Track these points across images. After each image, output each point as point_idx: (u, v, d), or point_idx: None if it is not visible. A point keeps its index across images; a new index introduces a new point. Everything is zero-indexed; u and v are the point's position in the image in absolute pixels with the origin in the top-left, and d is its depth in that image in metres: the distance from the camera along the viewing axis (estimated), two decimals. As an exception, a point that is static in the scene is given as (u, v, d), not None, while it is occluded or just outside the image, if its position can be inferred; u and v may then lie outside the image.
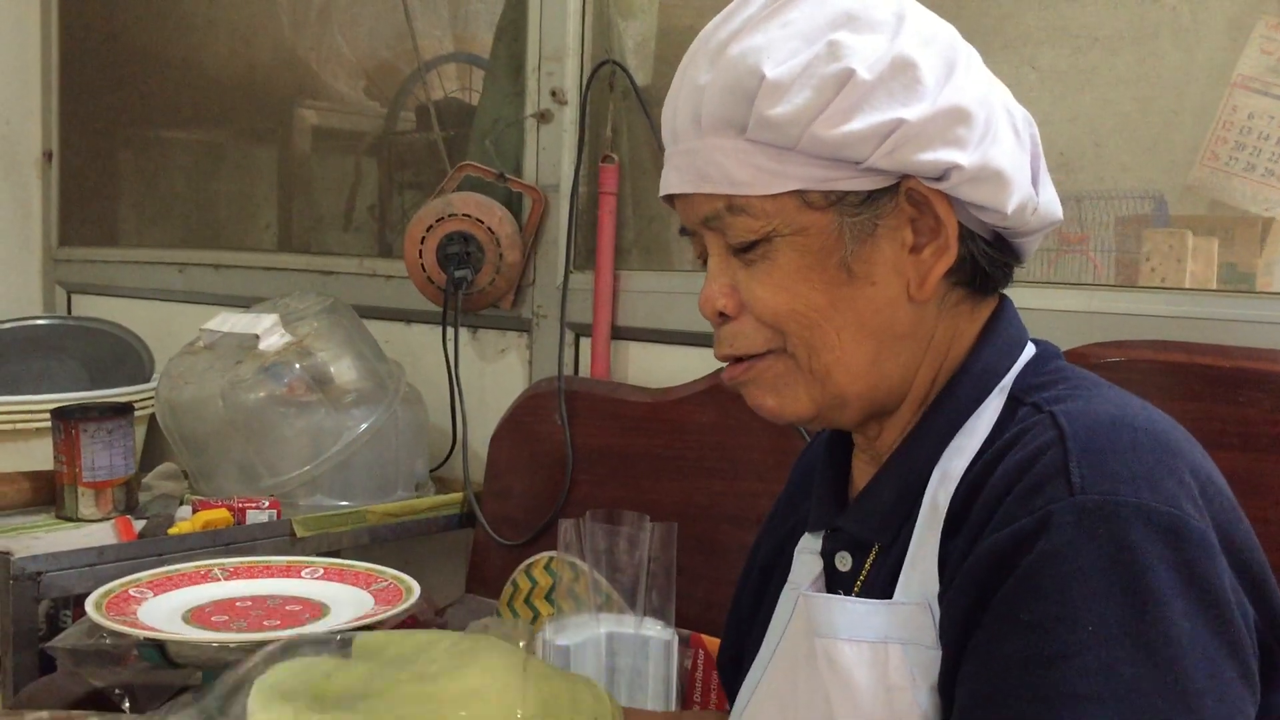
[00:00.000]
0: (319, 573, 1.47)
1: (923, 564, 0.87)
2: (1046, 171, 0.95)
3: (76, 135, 2.97)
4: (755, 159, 0.86)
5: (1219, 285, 1.47)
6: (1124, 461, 0.78)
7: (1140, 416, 0.83)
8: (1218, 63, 1.44)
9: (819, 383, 0.90)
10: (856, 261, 0.88)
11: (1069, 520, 0.76)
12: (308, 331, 1.95)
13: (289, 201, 2.61)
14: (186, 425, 1.95)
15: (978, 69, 0.91)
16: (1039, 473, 0.79)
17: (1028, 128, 0.93)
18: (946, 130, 0.86)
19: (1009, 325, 0.94)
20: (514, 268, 1.97)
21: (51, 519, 1.81)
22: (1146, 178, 1.53)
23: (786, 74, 0.85)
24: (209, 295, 2.53)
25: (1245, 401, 1.27)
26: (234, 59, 2.66)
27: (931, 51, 0.87)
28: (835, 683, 0.87)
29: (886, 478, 0.92)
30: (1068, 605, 0.75)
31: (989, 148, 0.87)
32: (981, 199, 0.88)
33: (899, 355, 0.91)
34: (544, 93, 1.96)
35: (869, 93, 0.84)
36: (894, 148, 0.85)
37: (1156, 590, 0.74)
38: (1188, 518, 0.76)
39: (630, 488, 1.77)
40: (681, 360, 1.81)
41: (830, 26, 0.86)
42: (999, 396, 0.90)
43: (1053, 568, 0.76)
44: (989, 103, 0.89)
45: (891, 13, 0.88)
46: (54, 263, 2.97)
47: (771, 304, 0.89)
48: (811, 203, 0.87)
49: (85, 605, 1.32)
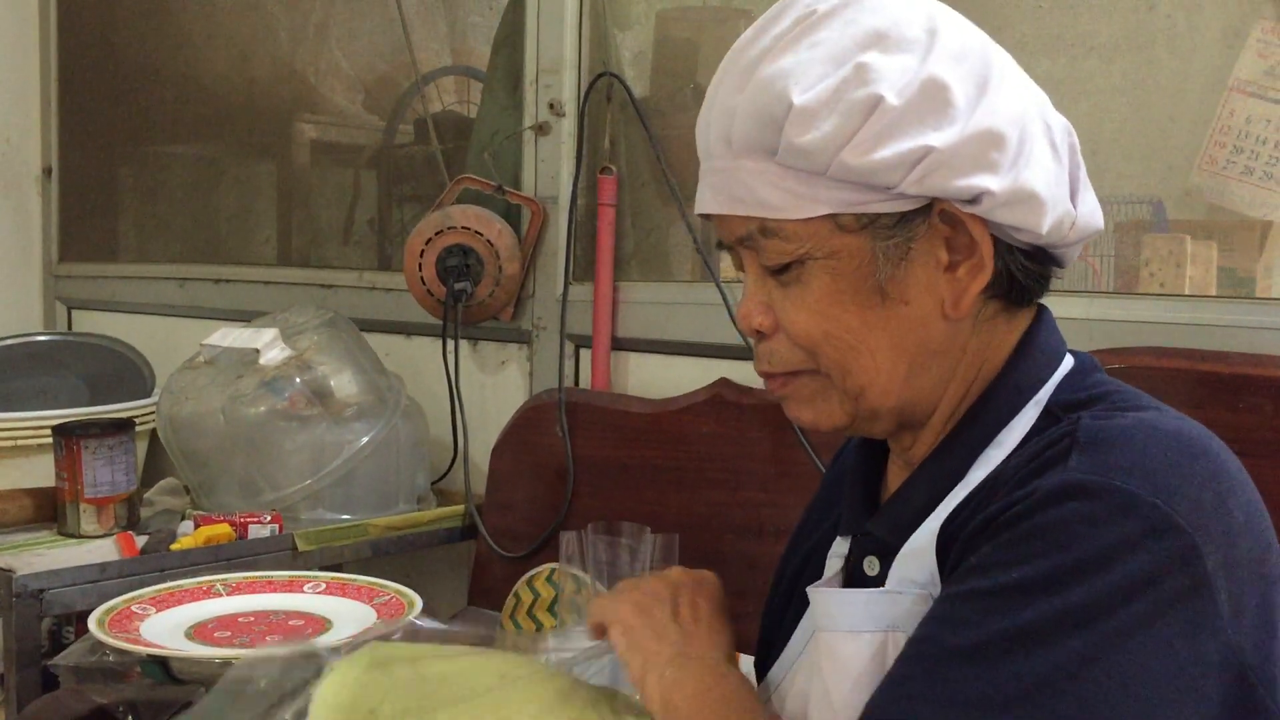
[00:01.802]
0: (321, 587, 1.47)
1: (917, 547, 0.88)
2: (1087, 181, 0.93)
3: (76, 151, 2.98)
4: (786, 182, 0.86)
5: (1218, 290, 1.47)
6: (1127, 455, 0.79)
7: (1169, 424, 0.83)
8: (1214, 68, 1.45)
9: (852, 399, 0.91)
10: (890, 283, 0.87)
11: (1049, 490, 0.78)
12: (308, 345, 1.95)
13: (288, 215, 2.61)
14: (188, 440, 1.95)
15: (1013, 81, 0.89)
16: (1043, 460, 0.82)
17: (1066, 138, 0.92)
18: (978, 155, 0.85)
19: (1047, 337, 0.93)
20: (513, 280, 1.98)
21: (53, 535, 1.81)
22: (1144, 184, 1.53)
23: (814, 100, 0.84)
24: (209, 310, 2.53)
25: (1246, 408, 1.27)
26: (233, 74, 2.67)
27: (964, 70, 0.86)
28: (834, 673, 0.88)
29: (916, 485, 0.92)
30: (1008, 555, 0.78)
31: (1022, 170, 0.86)
32: (1015, 221, 0.87)
33: (932, 370, 0.91)
34: (542, 105, 1.97)
35: (898, 118, 0.83)
36: (924, 174, 0.84)
37: (1096, 567, 0.75)
38: (1174, 515, 0.76)
39: (631, 499, 1.77)
40: (682, 371, 1.81)
41: (860, 47, 0.85)
42: (1034, 409, 0.90)
43: (1014, 525, 0.79)
44: (1023, 120, 0.87)
45: (923, 29, 0.86)
46: (54, 279, 2.97)
47: (805, 327, 0.89)
48: (844, 226, 0.87)
49: (88, 622, 1.32)
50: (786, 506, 1.60)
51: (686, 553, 1.56)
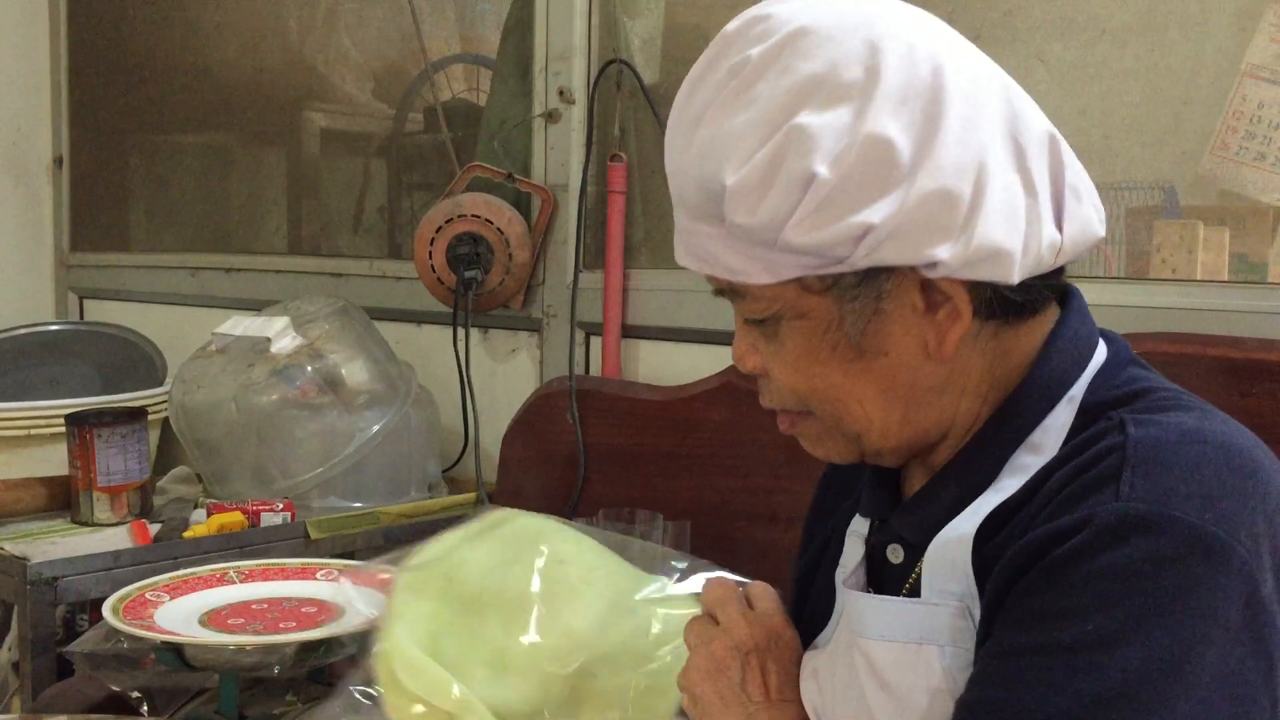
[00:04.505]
0: (334, 574, 1.48)
1: (950, 555, 0.85)
2: (1081, 188, 0.86)
3: (87, 140, 2.98)
4: (743, 249, 0.83)
5: (1230, 276, 1.46)
6: (1182, 477, 0.76)
7: (1218, 432, 0.80)
8: (1227, 53, 1.44)
9: (853, 441, 0.90)
10: (864, 339, 0.84)
11: (1108, 524, 0.75)
12: (319, 334, 1.96)
13: (298, 204, 2.62)
14: (200, 429, 1.96)
15: (970, 104, 0.81)
16: (1092, 478, 0.78)
17: (1045, 152, 0.84)
18: (927, 221, 0.79)
19: (1078, 328, 0.89)
20: (524, 267, 1.98)
21: (67, 524, 1.82)
22: (1157, 169, 1.53)
23: (748, 180, 0.80)
24: (220, 299, 2.53)
25: (1259, 393, 1.27)
26: (242, 62, 2.67)
27: (908, 115, 0.79)
28: (872, 684, 0.86)
29: (942, 486, 0.89)
30: (1078, 601, 0.75)
31: (979, 226, 0.80)
32: (979, 277, 0.82)
33: (932, 405, 0.87)
34: (551, 92, 1.96)
35: (835, 193, 0.79)
36: (870, 249, 0.80)
37: (1171, 609, 0.73)
38: (1234, 544, 0.74)
39: (643, 486, 1.77)
40: (693, 358, 1.81)
41: (794, 103, 0.80)
42: (1068, 407, 0.86)
43: (1076, 564, 0.75)
44: (979, 161, 0.80)
45: (862, 67, 0.80)
46: (66, 268, 2.98)
47: (789, 382, 0.88)
48: (809, 287, 0.84)
49: (102, 609, 1.32)
50: (797, 493, 1.59)
51: (698, 539, 1.57)
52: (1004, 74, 0.87)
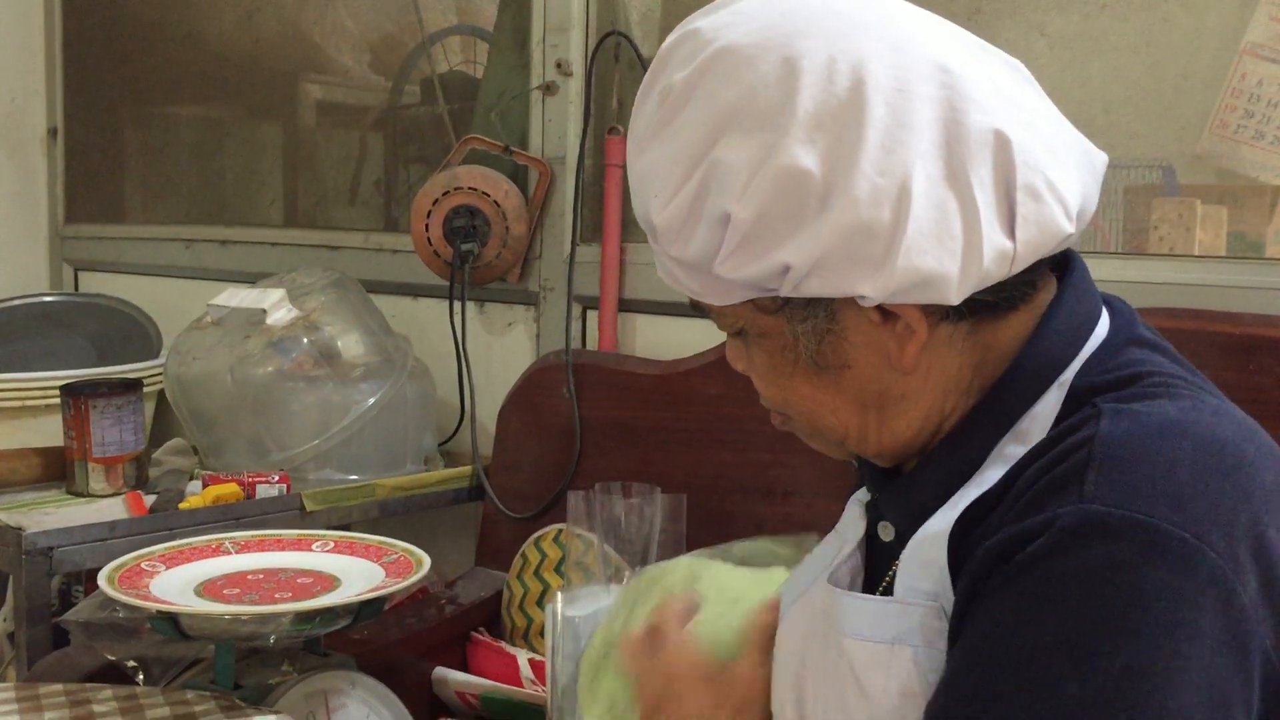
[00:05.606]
0: (330, 546, 1.48)
1: (927, 554, 0.83)
2: (1039, 187, 0.79)
3: (81, 112, 2.97)
4: (693, 274, 0.85)
5: (1228, 254, 1.46)
6: (1149, 476, 0.72)
7: (1201, 424, 0.75)
8: (1227, 30, 1.44)
9: (838, 445, 0.91)
10: (822, 356, 0.84)
11: (1068, 527, 0.71)
12: (315, 306, 1.95)
13: (294, 176, 2.61)
14: (195, 401, 1.95)
15: (894, 116, 0.77)
16: (1059, 475, 0.75)
17: (987, 159, 0.78)
18: (846, 254, 0.77)
19: (1075, 305, 0.84)
20: (520, 241, 1.97)
21: (62, 495, 1.82)
22: (1155, 146, 1.52)
23: (673, 217, 0.82)
24: (216, 271, 2.53)
25: (1256, 369, 1.27)
26: (238, 34, 2.66)
27: (825, 138, 0.77)
28: (851, 684, 0.84)
29: (926, 473, 0.87)
30: (1039, 609, 0.72)
31: (899, 256, 0.76)
32: (916, 300, 0.79)
33: (910, 410, 0.86)
34: (549, 65, 1.96)
35: (752, 232, 0.78)
36: (795, 284, 0.80)
37: (1128, 617, 0.69)
38: (1202, 548, 0.70)
39: (639, 460, 1.77)
40: (689, 332, 1.81)
41: (714, 133, 0.79)
42: (1058, 392, 0.82)
43: (1036, 571, 0.72)
44: (902, 182, 0.76)
45: (779, 90, 0.77)
46: (60, 240, 2.97)
47: (766, 393, 0.90)
48: (763, 308, 0.84)
49: (98, 579, 1.32)
50: (794, 467, 1.60)
51: (694, 513, 1.57)
52: (960, 60, 0.80)
